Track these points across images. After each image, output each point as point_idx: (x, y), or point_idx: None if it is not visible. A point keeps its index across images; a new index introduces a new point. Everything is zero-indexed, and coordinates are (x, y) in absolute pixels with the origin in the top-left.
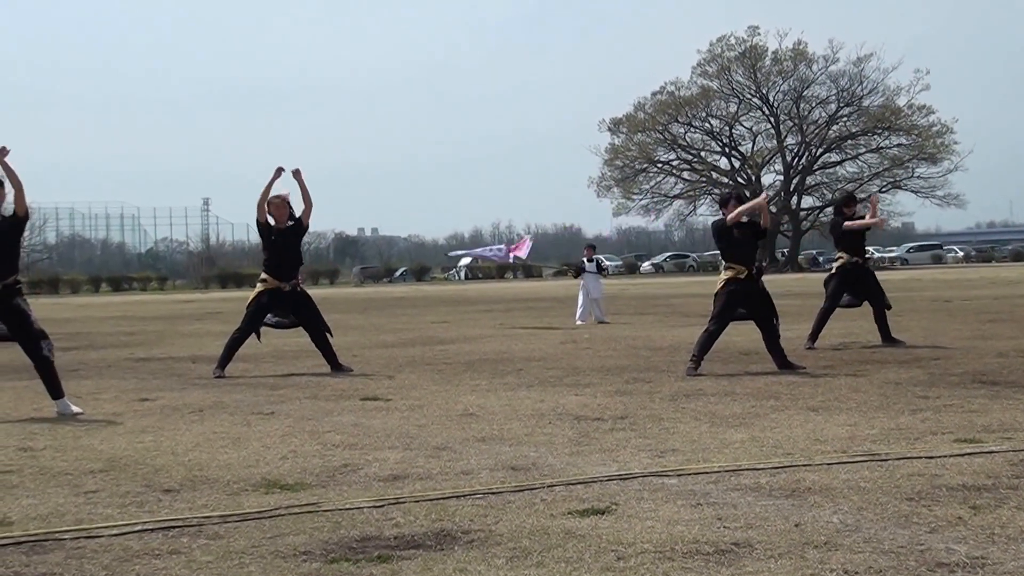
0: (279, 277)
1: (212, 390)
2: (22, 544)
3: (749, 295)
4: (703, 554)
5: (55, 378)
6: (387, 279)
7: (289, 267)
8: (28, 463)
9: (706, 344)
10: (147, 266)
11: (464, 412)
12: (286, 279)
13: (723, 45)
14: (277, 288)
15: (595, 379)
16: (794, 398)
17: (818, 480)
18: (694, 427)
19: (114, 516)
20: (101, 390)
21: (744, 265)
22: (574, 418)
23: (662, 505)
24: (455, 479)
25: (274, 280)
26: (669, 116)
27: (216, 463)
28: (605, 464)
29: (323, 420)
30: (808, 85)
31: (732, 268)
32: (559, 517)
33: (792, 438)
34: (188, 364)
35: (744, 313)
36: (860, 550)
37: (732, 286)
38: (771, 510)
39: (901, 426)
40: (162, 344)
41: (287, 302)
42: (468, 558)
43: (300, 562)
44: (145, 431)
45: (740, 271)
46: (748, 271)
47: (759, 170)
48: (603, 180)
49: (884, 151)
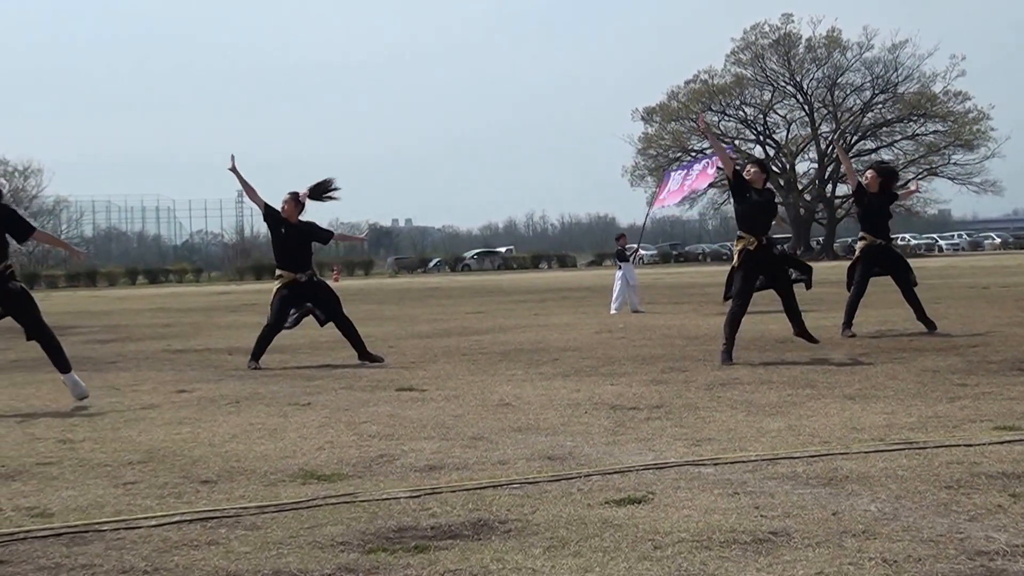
0: (293, 269)
1: (248, 381)
2: (62, 536)
3: (764, 264)
4: (740, 543)
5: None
6: (421, 269)
7: (300, 259)
8: (68, 455)
9: (733, 325)
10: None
11: (500, 402)
12: (300, 270)
13: (757, 33)
14: (294, 280)
15: (630, 368)
16: (831, 386)
17: (855, 468)
18: (730, 416)
19: (153, 507)
20: (139, 382)
21: (754, 235)
22: (610, 407)
23: (699, 494)
24: (491, 469)
25: (289, 273)
26: (703, 104)
27: (253, 454)
28: (641, 453)
29: (359, 411)
30: (842, 72)
31: (743, 238)
32: (596, 507)
33: (829, 426)
34: (224, 355)
35: (764, 282)
36: (899, 539)
37: (746, 257)
38: (808, 499)
39: (939, 414)
40: (198, 336)
41: (307, 292)
42: (505, 548)
43: (338, 552)
44: (182, 422)
45: (750, 241)
46: (758, 241)
47: (793, 158)
48: (636, 169)
49: (920, 138)
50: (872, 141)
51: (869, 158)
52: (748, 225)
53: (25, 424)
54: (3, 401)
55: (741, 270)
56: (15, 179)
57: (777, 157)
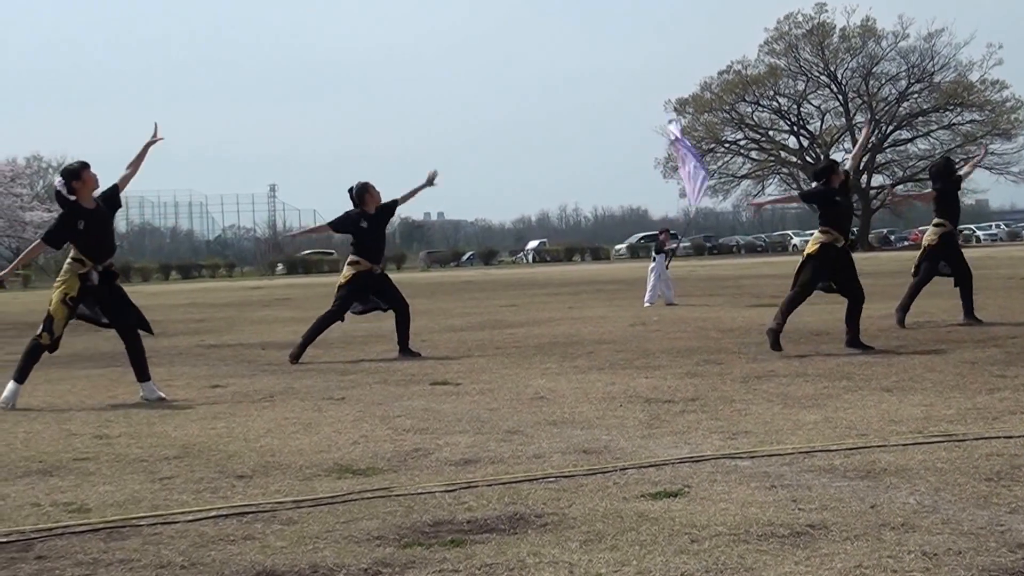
0: (372, 260)
1: (282, 376)
2: (100, 531)
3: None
4: (778, 536)
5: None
6: (454, 263)
7: (380, 249)
8: (104, 450)
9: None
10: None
11: (535, 395)
12: (377, 261)
13: (790, 23)
14: (370, 270)
15: (665, 361)
16: (867, 378)
17: (893, 461)
18: (766, 408)
19: (189, 502)
20: (173, 377)
21: (843, 233)
22: (645, 400)
23: (735, 487)
24: (527, 463)
25: (367, 263)
26: (736, 95)
27: (288, 449)
28: (677, 447)
29: (393, 405)
30: (877, 62)
31: (830, 233)
32: (632, 500)
33: (866, 419)
34: (258, 350)
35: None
36: (938, 531)
37: (824, 251)
38: (846, 491)
39: (978, 406)
40: (232, 331)
41: (375, 284)
42: (542, 542)
43: (374, 547)
44: (217, 417)
45: (837, 238)
46: (845, 239)
47: (828, 148)
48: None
49: (956, 127)
50: (908, 131)
51: (905, 148)
52: (837, 225)
53: (62, 420)
54: (39, 397)
55: (815, 260)
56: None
57: (811, 148)
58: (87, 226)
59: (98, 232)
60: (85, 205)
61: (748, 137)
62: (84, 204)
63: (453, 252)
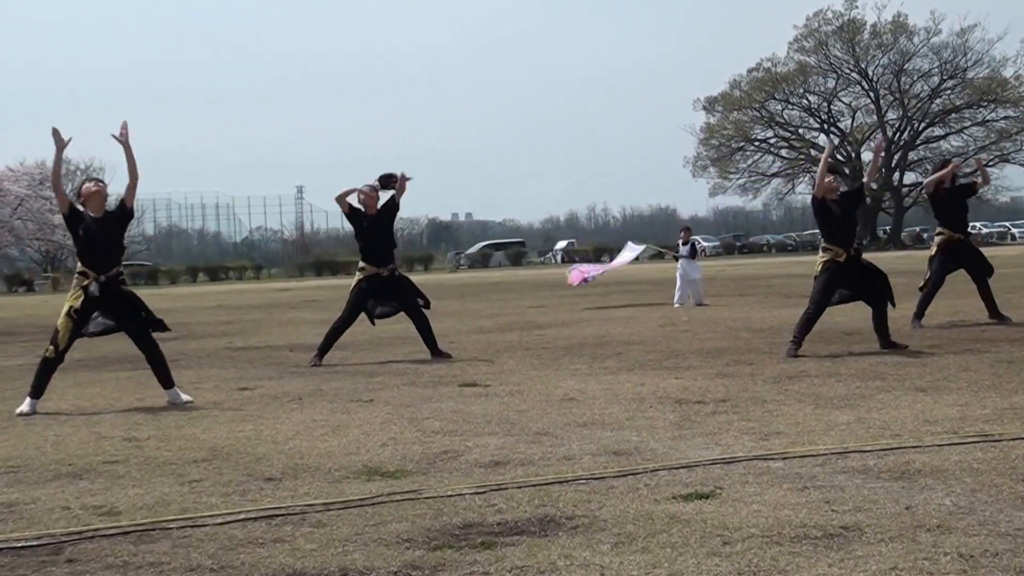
0: (376, 263)
1: (310, 378)
2: (130, 534)
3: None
4: (811, 538)
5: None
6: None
7: (382, 252)
8: (133, 453)
9: (805, 327)
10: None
11: (564, 397)
12: (383, 264)
13: (820, 19)
14: (376, 274)
15: (695, 362)
16: (901, 378)
17: (928, 462)
18: (798, 409)
19: (218, 505)
20: (201, 379)
21: (843, 247)
22: (675, 401)
23: (767, 489)
24: (557, 465)
25: (372, 267)
26: (766, 93)
27: (317, 451)
28: (708, 448)
29: (422, 407)
30: (909, 58)
31: (830, 250)
32: (663, 502)
33: (900, 419)
34: (286, 353)
35: (847, 295)
36: (975, 533)
37: (830, 268)
38: (880, 493)
39: (1015, 405)
40: (259, 333)
41: (387, 288)
42: (572, 544)
43: (403, 549)
44: (245, 420)
45: (837, 253)
46: (847, 253)
47: (859, 146)
48: (699, 160)
49: (990, 124)
50: (941, 128)
51: (938, 145)
52: (835, 239)
53: (91, 423)
54: (69, 401)
55: (822, 276)
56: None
57: (842, 146)
58: (85, 233)
59: (96, 241)
60: (91, 213)
61: (778, 135)
62: (90, 212)
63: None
